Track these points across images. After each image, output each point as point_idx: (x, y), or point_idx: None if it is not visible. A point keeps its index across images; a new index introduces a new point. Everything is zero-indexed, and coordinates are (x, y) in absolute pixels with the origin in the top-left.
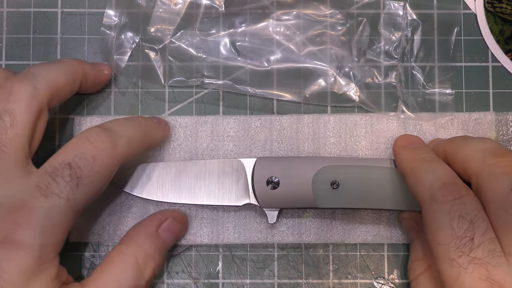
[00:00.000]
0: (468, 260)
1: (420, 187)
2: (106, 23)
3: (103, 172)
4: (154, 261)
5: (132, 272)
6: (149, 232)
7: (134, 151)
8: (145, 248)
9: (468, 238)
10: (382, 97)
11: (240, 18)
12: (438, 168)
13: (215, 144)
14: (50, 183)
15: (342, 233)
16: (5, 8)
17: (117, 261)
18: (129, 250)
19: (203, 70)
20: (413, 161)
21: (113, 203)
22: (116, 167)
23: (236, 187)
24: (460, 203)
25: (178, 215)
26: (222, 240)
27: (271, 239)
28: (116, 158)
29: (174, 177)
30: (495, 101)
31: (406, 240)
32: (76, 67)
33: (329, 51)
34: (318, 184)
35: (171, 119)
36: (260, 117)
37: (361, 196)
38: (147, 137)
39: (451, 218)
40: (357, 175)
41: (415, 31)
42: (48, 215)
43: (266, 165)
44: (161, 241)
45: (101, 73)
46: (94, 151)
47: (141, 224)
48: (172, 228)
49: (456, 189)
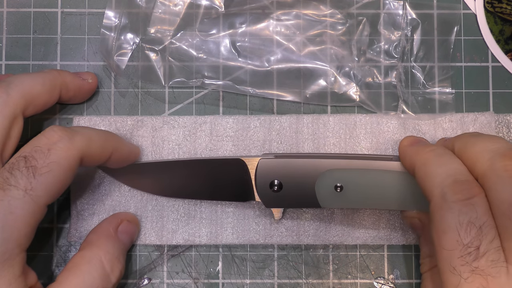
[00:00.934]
0: (470, 269)
1: (430, 182)
2: (106, 24)
3: (61, 163)
4: (120, 262)
5: (99, 275)
6: (110, 234)
7: (95, 151)
8: (109, 251)
9: (474, 248)
10: (382, 96)
11: (240, 19)
12: (450, 162)
13: (214, 144)
14: (7, 177)
15: (341, 235)
16: (5, 8)
17: (82, 265)
18: (93, 254)
19: (203, 71)
20: (424, 154)
21: (114, 203)
22: (76, 160)
23: (240, 185)
24: (471, 206)
25: (130, 217)
26: (220, 240)
27: (270, 240)
28: (75, 150)
29: (178, 174)
30: (495, 101)
31: (406, 242)
32: (55, 77)
33: (329, 51)
34: (321, 187)
35: (170, 119)
36: (259, 117)
37: (366, 199)
38: (109, 141)
39: (460, 223)
40: (361, 178)
41: (415, 31)
42: (8, 208)
43: (269, 168)
44: (121, 243)
45: (84, 83)
46: (49, 144)
47: (99, 228)
48: (128, 229)
49: (468, 188)
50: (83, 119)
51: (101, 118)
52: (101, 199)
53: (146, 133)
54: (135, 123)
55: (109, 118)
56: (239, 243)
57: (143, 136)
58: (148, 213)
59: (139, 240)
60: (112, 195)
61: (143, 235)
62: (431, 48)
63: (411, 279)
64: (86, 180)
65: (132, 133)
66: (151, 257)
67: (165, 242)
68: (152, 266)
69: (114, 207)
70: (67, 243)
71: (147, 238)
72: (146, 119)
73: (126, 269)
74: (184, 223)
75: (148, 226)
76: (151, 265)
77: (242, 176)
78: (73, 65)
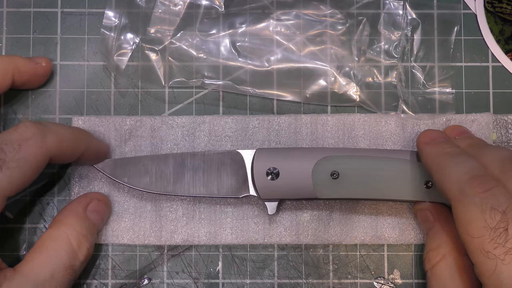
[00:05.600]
0: (504, 251)
1: (448, 182)
2: (105, 24)
3: (29, 160)
4: (88, 241)
5: (66, 253)
6: (78, 213)
7: (66, 150)
8: (77, 229)
9: (502, 229)
10: (382, 96)
11: (240, 18)
12: (465, 161)
13: (212, 144)
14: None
15: (339, 234)
16: (5, 8)
17: (49, 244)
18: (60, 231)
19: (203, 71)
20: (438, 156)
21: (112, 203)
22: (45, 158)
23: (236, 178)
24: (491, 195)
25: (101, 196)
26: (220, 240)
27: (269, 240)
28: (45, 148)
29: (173, 169)
30: (495, 101)
31: (404, 241)
32: (5, 62)
33: (329, 50)
34: (318, 174)
35: (169, 119)
36: (258, 117)
37: (362, 187)
38: (81, 140)
39: (483, 210)
40: (357, 165)
41: (415, 31)
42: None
43: (266, 156)
44: (90, 222)
45: (38, 66)
46: (20, 140)
47: (68, 207)
48: (98, 208)
49: (485, 181)
50: (82, 119)
51: (100, 119)
52: None
53: (145, 133)
54: (134, 123)
55: (108, 118)
56: (238, 243)
57: (142, 136)
58: (147, 214)
59: (138, 241)
60: (111, 195)
61: (142, 235)
62: (431, 48)
63: (411, 279)
64: (85, 180)
65: (131, 133)
66: (151, 257)
67: (164, 242)
68: (152, 266)
69: (113, 207)
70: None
71: (146, 238)
72: (145, 119)
73: (126, 269)
74: (183, 223)
75: (147, 227)
76: (151, 265)
77: (238, 170)
78: (73, 65)
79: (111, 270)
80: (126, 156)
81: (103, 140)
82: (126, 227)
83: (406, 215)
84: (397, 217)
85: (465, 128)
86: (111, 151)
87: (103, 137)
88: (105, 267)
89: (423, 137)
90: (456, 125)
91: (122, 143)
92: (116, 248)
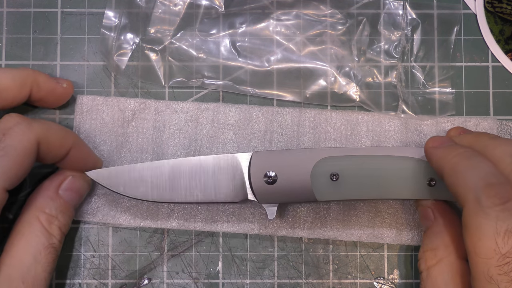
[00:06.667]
0: (507, 280)
1: (462, 187)
2: (106, 24)
3: (16, 146)
4: (58, 221)
5: (42, 234)
6: (48, 194)
7: (54, 140)
8: (46, 211)
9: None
10: (382, 96)
11: (240, 18)
12: (481, 164)
13: (215, 131)
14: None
15: (336, 230)
16: (5, 8)
17: (23, 228)
18: (31, 215)
19: (203, 71)
20: (452, 158)
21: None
22: (32, 145)
23: (233, 183)
24: (508, 212)
25: (76, 172)
26: (215, 228)
27: (265, 231)
28: (31, 134)
29: (169, 176)
30: (495, 101)
31: (401, 241)
32: (27, 74)
33: (329, 51)
34: (317, 176)
35: (173, 103)
36: (262, 107)
37: (363, 187)
38: (69, 136)
39: (497, 231)
40: (358, 165)
41: (415, 31)
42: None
43: (263, 160)
44: (63, 201)
45: (58, 86)
46: (4, 129)
47: (40, 188)
48: (73, 186)
49: (503, 191)
50: (87, 98)
51: (105, 99)
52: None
53: (149, 115)
54: (139, 105)
55: (113, 98)
56: (233, 231)
57: (145, 119)
58: None
59: (134, 223)
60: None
61: (138, 218)
62: (431, 48)
63: (411, 279)
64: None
65: (134, 115)
66: (151, 257)
67: (160, 226)
68: (152, 266)
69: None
70: None
71: (142, 221)
72: (149, 101)
73: (126, 269)
74: (179, 207)
75: (144, 209)
76: (151, 265)
77: (235, 174)
78: (73, 65)
79: (111, 270)
80: (127, 137)
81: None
82: (123, 209)
83: (404, 215)
84: (395, 216)
85: (468, 129)
86: (114, 131)
87: (107, 116)
88: (105, 267)
89: (432, 142)
90: (458, 126)
91: (125, 123)
92: (116, 248)
